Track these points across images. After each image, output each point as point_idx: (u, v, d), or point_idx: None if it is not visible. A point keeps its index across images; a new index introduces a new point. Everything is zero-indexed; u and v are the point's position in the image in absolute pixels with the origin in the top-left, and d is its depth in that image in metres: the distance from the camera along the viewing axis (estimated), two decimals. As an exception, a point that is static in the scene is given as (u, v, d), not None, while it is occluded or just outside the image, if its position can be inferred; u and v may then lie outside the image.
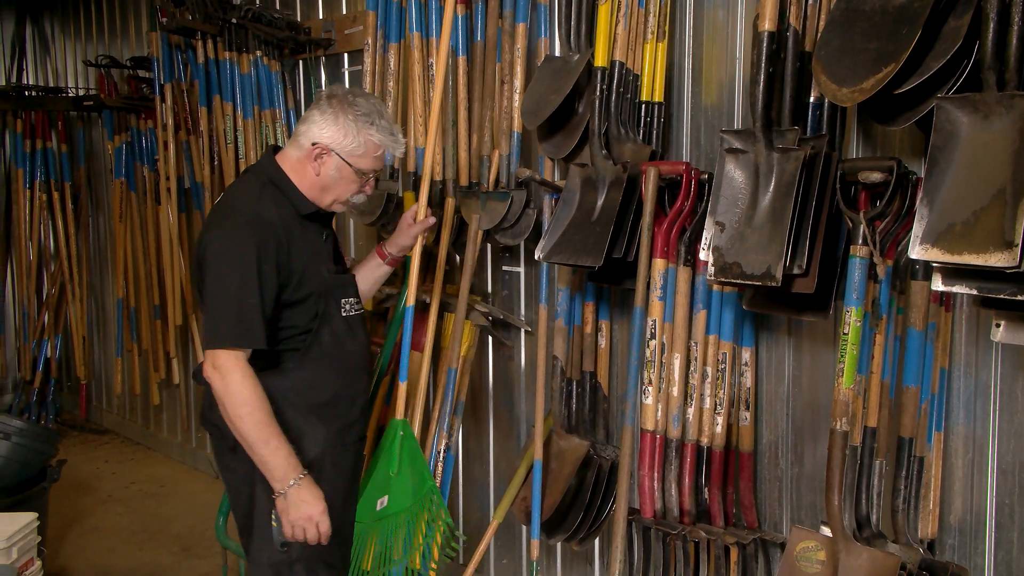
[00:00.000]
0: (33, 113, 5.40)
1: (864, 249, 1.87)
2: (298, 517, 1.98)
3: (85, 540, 3.91)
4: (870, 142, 2.13)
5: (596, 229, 2.33)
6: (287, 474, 1.95)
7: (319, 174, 2.09)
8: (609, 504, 2.55)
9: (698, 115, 2.45)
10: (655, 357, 2.28)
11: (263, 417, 1.93)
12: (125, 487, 4.55)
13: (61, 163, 5.46)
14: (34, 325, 5.54)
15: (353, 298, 2.22)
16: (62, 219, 5.42)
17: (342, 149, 2.07)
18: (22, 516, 2.94)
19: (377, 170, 2.16)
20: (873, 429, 1.99)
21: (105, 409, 5.61)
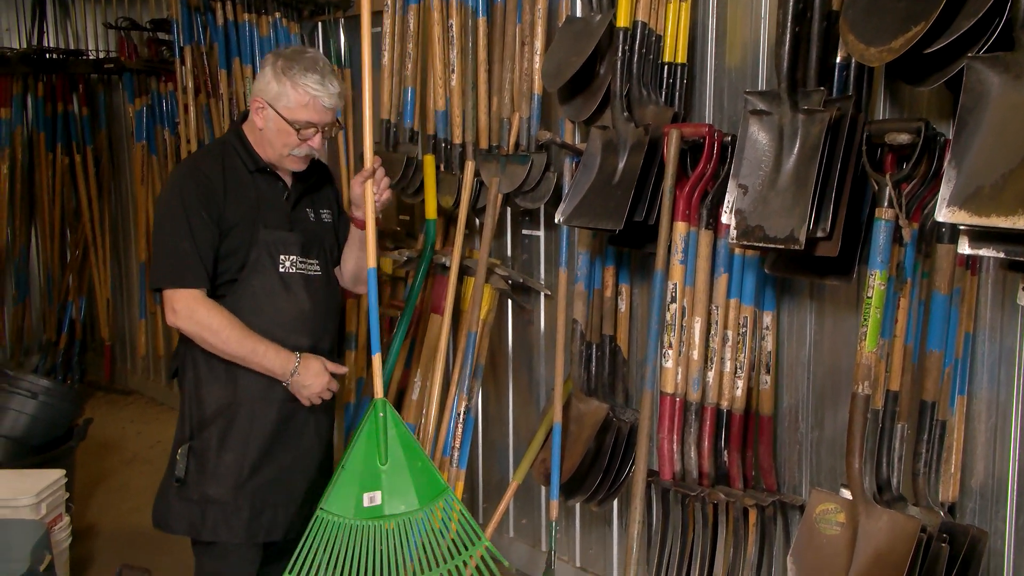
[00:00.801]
0: (54, 76, 5.41)
1: (890, 212, 1.85)
2: (312, 393, 2.21)
3: (112, 498, 3.99)
4: (897, 103, 2.09)
5: (617, 192, 2.32)
6: (285, 365, 2.16)
7: (261, 128, 2.19)
8: (628, 467, 2.56)
9: (721, 76, 2.41)
10: (675, 321, 2.28)
11: (239, 334, 2.11)
12: (150, 447, 4.63)
13: (82, 127, 5.48)
14: (58, 287, 5.61)
15: (298, 256, 2.23)
16: (84, 182, 5.45)
17: (275, 101, 2.15)
18: (50, 473, 3.00)
19: (314, 122, 2.16)
20: (895, 393, 1.98)
21: (129, 370, 5.69)
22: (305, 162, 2.25)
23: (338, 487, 2.20)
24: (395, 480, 2.26)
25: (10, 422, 3.57)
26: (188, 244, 2.10)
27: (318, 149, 2.22)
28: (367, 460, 2.25)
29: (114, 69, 5.25)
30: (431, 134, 3.02)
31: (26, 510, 2.76)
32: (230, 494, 2.18)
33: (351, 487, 2.21)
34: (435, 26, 2.91)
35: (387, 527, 2.21)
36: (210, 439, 2.19)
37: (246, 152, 2.23)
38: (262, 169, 2.24)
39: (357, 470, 2.23)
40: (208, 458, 2.19)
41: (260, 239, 2.18)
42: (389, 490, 2.25)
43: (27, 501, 2.78)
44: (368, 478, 2.24)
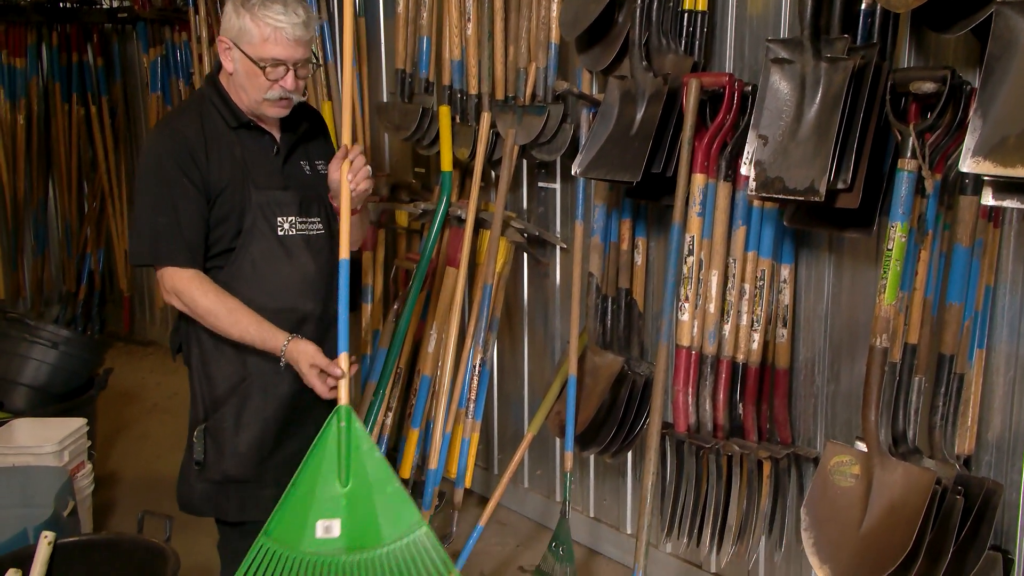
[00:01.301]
0: (68, 26, 5.38)
1: (912, 163, 1.82)
2: (304, 371, 1.94)
3: (133, 446, 4.05)
4: (923, 51, 2.05)
5: (635, 144, 2.29)
6: (276, 340, 1.94)
7: (232, 72, 1.98)
8: (643, 419, 2.57)
9: (743, 24, 2.37)
10: (692, 274, 2.26)
11: (233, 316, 1.94)
12: (169, 397, 4.69)
13: (97, 77, 5.46)
14: (77, 239, 5.64)
15: (296, 216, 2.05)
16: (100, 133, 5.45)
17: (238, 39, 1.94)
18: (73, 421, 3.05)
19: (282, 58, 1.93)
20: (914, 346, 1.97)
21: (148, 322, 5.74)
22: (285, 107, 2.00)
23: (286, 510, 1.83)
24: (358, 507, 1.84)
25: (32, 371, 3.62)
26: (165, 218, 1.93)
27: (293, 90, 1.97)
28: (324, 480, 1.84)
29: (128, 19, 5.21)
30: (446, 84, 2.99)
31: (49, 457, 2.81)
32: (253, 472, 2.06)
33: (302, 512, 1.83)
34: (451, -26, 2.86)
35: (344, 563, 1.82)
36: (225, 418, 2.05)
37: (225, 106, 2.01)
38: (245, 124, 2.02)
39: (311, 492, 1.83)
40: (225, 438, 2.05)
41: (252, 202, 1.99)
42: (350, 519, 1.84)
43: (50, 449, 2.83)
44: (324, 503, 1.83)
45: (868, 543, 1.89)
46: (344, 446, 1.84)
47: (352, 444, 1.85)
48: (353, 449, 1.85)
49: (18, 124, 5.44)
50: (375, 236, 3.39)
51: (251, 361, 2.03)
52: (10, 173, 5.47)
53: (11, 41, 5.35)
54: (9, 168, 5.46)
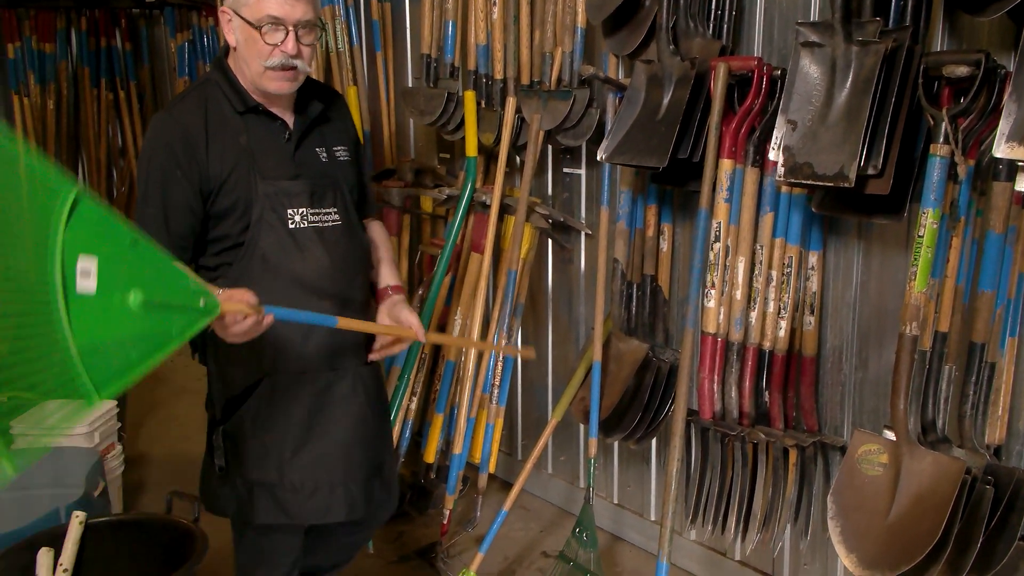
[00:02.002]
0: (96, 11, 5.43)
1: (945, 148, 1.79)
2: (236, 341, 1.71)
3: (162, 428, 4.11)
4: (956, 34, 2.01)
5: (661, 129, 2.28)
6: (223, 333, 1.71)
7: (235, 47, 1.86)
8: (667, 406, 2.56)
9: (772, 7, 2.33)
10: (719, 260, 2.25)
11: None
12: (197, 379, 4.70)
13: (125, 62, 5.51)
14: (105, 224, 5.69)
15: (308, 208, 1.92)
16: (128, 118, 5.50)
17: (236, 6, 1.82)
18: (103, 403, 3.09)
19: (279, 17, 1.79)
20: (944, 334, 1.94)
21: (175, 306, 5.79)
22: (290, 79, 1.85)
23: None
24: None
25: (62, 354, 3.67)
26: (154, 209, 1.82)
27: (293, 54, 1.82)
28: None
29: (155, 4, 5.25)
30: (472, 69, 2.98)
31: (80, 438, 2.85)
32: (275, 475, 1.96)
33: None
34: (477, -43, 2.84)
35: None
36: (244, 420, 1.97)
37: (232, 89, 1.89)
38: (253, 108, 1.90)
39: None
40: (244, 440, 1.98)
41: (259, 193, 1.86)
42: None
43: (81, 430, 2.87)
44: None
45: (896, 532, 1.88)
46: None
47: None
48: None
49: (48, 109, 5.51)
50: (400, 221, 3.40)
51: (268, 358, 1.94)
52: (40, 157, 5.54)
53: (40, 26, 5.41)
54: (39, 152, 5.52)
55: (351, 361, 2.03)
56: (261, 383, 1.96)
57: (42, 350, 1.40)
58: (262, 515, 1.98)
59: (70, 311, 1.41)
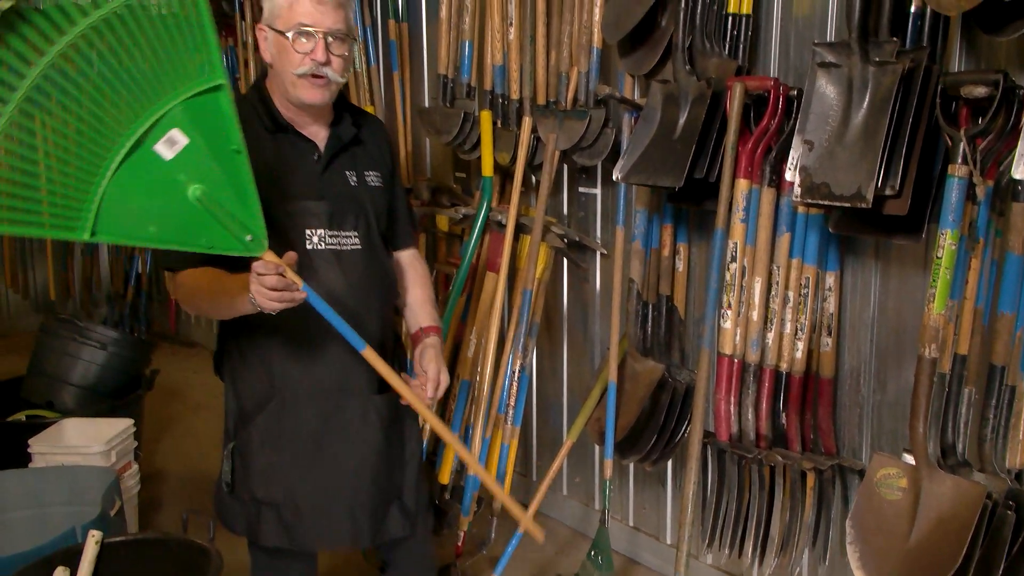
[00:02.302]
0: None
1: (963, 168, 1.78)
2: (256, 299, 1.67)
3: (177, 444, 4.12)
4: (974, 54, 2.00)
5: (677, 148, 2.27)
6: (243, 291, 1.70)
7: (270, 62, 1.88)
8: (683, 427, 2.55)
9: (788, 27, 2.33)
10: (735, 281, 2.24)
11: (208, 294, 1.82)
12: (214, 396, 4.70)
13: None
14: (125, 241, 5.75)
15: (326, 229, 1.90)
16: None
17: (270, 19, 1.84)
18: (120, 422, 3.10)
19: (308, 24, 1.80)
20: (963, 356, 1.92)
21: (193, 323, 5.83)
22: (321, 87, 1.85)
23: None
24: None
25: (81, 371, 3.70)
26: None
27: (322, 61, 1.81)
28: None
29: None
30: (488, 89, 2.99)
31: (97, 457, 2.86)
32: (281, 496, 1.94)
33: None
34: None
35: None
36: (251, 437, 1.96)
37: (264, 108, 1.90)
38: (283, 128, 1.91)
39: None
40: (252, 458, 1.96)
41: (280, 211, 1.83)
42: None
43: (98, 449, 2.88)
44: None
45: (915, 558, 1.85)
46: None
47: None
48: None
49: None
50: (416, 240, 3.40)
51: (277, 374, 1.93)
52: (62, 176, 5.61)
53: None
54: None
55: (364, 386, 1.97)
56: (271, 401, 1.95)
57: (71, 178, 1.49)
58: (268, 536, 1.97)
59: (127, 160, 1.51)
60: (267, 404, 1.95)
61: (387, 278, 2.05)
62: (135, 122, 1.52)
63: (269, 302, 1.67)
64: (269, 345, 1.92)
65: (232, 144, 1.59)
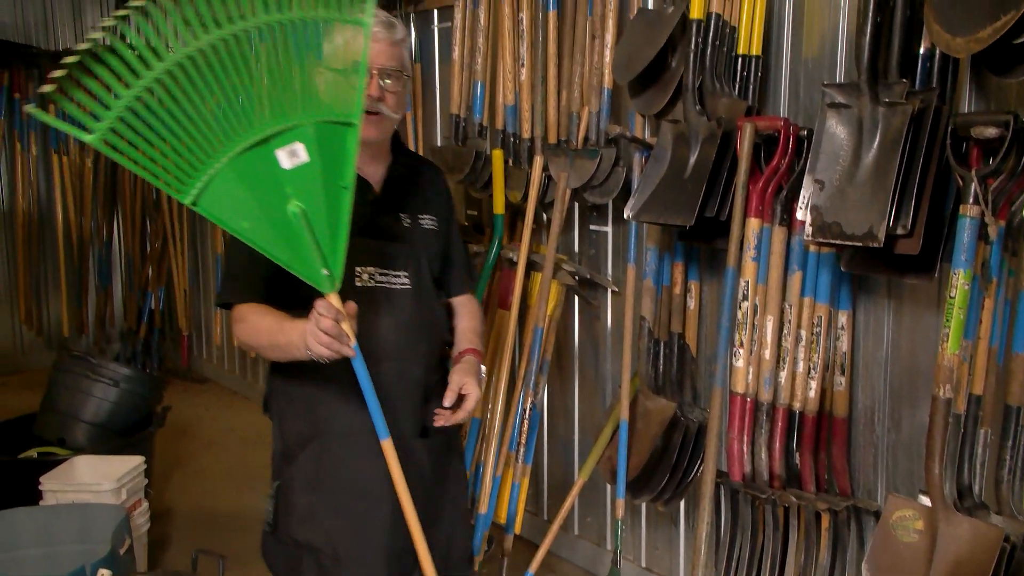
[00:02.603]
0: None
1: (975, 208, 1.78)
2: (308, 339, 1.68)
3: (188, 482, 4.11)
4: (984, 95, 2.01)
5: (688, 187, 2.28)
6: (302, 333, 1.71)
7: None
8: (696, 466, 2.53)
9: (798, 68, 2.35)
10: (747, 319, 2.23)
11: (266, 332, 1.82)
12: (225, 433, 4.75)
13: (162, 121, 5.65)
14: (139, 277, 5.80)
15: (377, 268, 1.91)
16: (164, 175, 5.63)
17: (324, 60, 1.86)
18: (131, 459, 3.10)
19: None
20: (978, 397, 1.91)
21: (205, 359, 5.84)
22: (374, 123, 1.85)
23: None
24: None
25: (93, 408, 3.71)
26: (243, 255, 1.81)
27: (376, 96, 1.82)
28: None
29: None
30: (500, 128, 3.02)
31: (108, 495, 2.86)
32: (320, 540, 1.90)
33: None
34: (505, 20, 2.90)
35: None
36: (295, 478, 1.93)
37: None
38: None
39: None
40: (294, 499, 1.93)
41: None
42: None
43: (109, 486, 2.88)
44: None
45: (933, 602, 1.82)
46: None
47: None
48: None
49: (86, 166, 5.65)
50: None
51: (321, 416, 1.91)
52: (77, 213, 5.67)
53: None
54: (77, 208, 5.66)
55: (406, 431, 1.92)
56: (313, 441, 1.93)
57: (197, 145, 1.57)
58: None
59: (248, 152, 1.60)
60: (309, 444, 1.93)
61: (435, 321, 2.03)
62: (270, 121, 1.61)
63: (318, 345, 1.67)
64: (314, 385, 1.91)
65: (343, 180, 1.66)
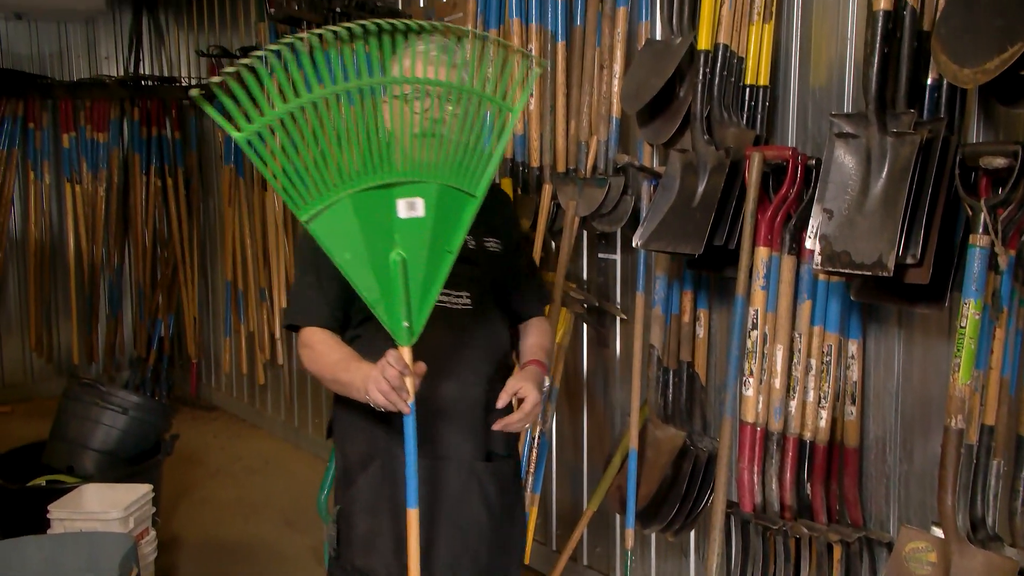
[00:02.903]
0: (149, 101, 5.65)
1: (985, 238, 1.78)
2: (369, 385, 1.71)
3: (195, 511, 4.09)
4: (992, 125, 2.01)
5: (696, 216, 2.29)
6: (365, 377, 1.74)
7: (388, 127, 1.83)
8: (706, 496, 2.51)
9: (805, 98, 2.36)
10: (757, 348, 2.23)
11: (331, 366, 1.84)
12: (232, 462, 4.74)
13: (175, 149, 5.71)
14: (149, 305, 5.82)
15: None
16: (175, 204, 5.67)
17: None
18: (139, 487, 3.09)
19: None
20: (991, 427, 1.89)
21: (214, 387, 5.85)
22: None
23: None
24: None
25: (102, 436, 3.71)
26: (311, 277, 1.89)
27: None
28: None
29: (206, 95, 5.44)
30: (509, 157, 3.03)
31: (115, 523, 2.85)
32: (381, 566, 1.87)
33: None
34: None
35: None
36: (355, 500, 1.92)
37: None
38: None
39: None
40: (353, 523, 1.92)
41: None
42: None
43: (116, 515, 2.87)
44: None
45: (948, 636, 1.80)
46: None
47: None
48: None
49: (98, 195, 5.70)
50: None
51: (382, 440, 1.90)
52: (89, 241, 5.71)
53: (95, 116, 5.64)
54: (88, 236, 5.70)
55: (469, 453, 1.90)
56: (373, 463, 1.91)
57: (329, 171, 1.65)
58: None
59: (371, 191, 1.67)
60: (369, 466, 1.92)
61: (497, 343, 2.01)
62: (401, 170, 1.69)
63: (377, 392, 1.70)
64: (375, 411, 1.84)
65: (450, 245, 1.74)
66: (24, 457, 3.71)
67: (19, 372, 6.00)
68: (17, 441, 3.91)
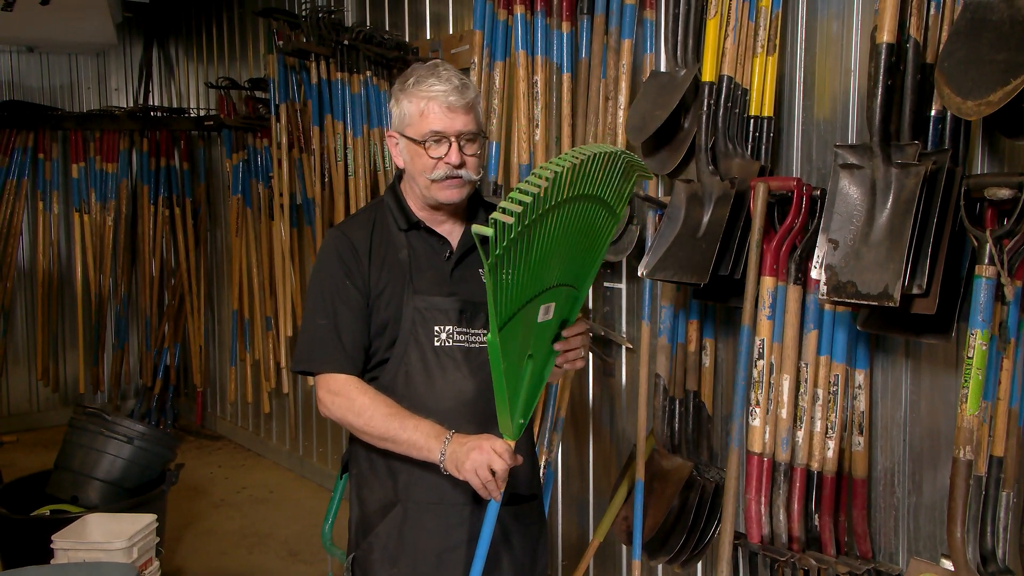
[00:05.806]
0: (158, 132, 5.72)
1: (991, 269, 1.78)
2: (470, 465, 1.68)
3: (199, 542, 4.07)
4: (996, 156, 2.02)
5: (702, 246, 2.30)
6: (436, 440, 1.74)
7: (403, 167, 1.91)
8: (713, 527, 2.49)
9: (809, 129, 2.38)
10: (763, 378, 2.22)
11: (385, 411, 1.79)
12: (237, 492, 4.72)
13: (183, 180, 5.77)
14: (155, 334, 5.84)
15: (455, 326, 1.86)
16: (183, 233, 5.71)
17: (400, 127, 1.86)
18: (143, 517, 3.09)
19: (440, 130, 1.80)
20: (1000, 459, 1.88)
21: (219, 416, 5.84)
22: (457, 187, 1.84)
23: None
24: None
25: (107, 466, 3.71)
26: (326, 320, 1.85)
27: (456, 164, 1.82)
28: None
29: (214, 126, 5.51)
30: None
31: (119, 554, 2.84)
32: None
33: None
34: (520, 82, 2.96)
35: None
36: (374, 548, 1.88)
37: (398, 208, 1.92)
38: (415, 225, 1.91)
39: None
40: (371, 571, 1.88)
41: (410, 307, 1.84)
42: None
43: (120, 545, 2.86)
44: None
45: (959, 671, 1.77)
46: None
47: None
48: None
49: (106, 225, 5.74)
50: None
51: (402, 484, 1.86)
52: (96, 271, 5.74)
53: (105, 147, 5.70)
54: (96, 266, 5.74)
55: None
56: (393, 509, 1.88)
57: (533, 279, 1.62)
58: None
59: (539, 296, 1.67)
60: (389, 512, 1.88)
61: None
62: (558, 275, 1.71)
63: (475, 475, 1.69)
64: (397, 453, 1.84)
65: (549, 343, 1.79)
66: (29, 487, 3.71)
67: (25, 402, 6.01)
68: (22, 471, 3.91)
